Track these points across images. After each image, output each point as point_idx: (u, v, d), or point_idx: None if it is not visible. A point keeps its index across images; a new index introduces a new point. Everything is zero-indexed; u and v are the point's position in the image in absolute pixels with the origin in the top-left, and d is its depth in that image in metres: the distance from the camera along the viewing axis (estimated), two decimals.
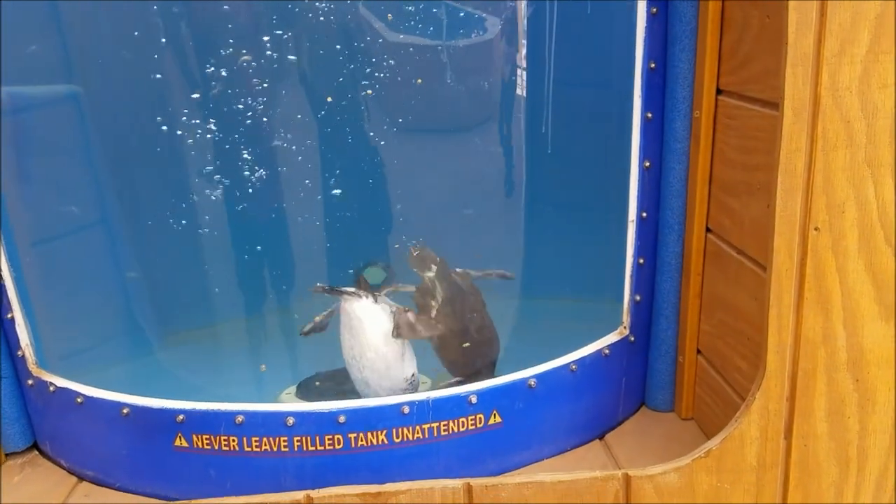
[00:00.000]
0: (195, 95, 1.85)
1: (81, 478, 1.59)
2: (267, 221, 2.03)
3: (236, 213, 1.99)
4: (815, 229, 1.21)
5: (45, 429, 1.65)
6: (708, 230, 1.53)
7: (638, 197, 1.56)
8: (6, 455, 1.66)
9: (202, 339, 2.07)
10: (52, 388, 1.56)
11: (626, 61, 1.51)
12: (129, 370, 1.91)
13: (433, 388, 1.81)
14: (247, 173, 1.97)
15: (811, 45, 1.15)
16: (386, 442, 1.44)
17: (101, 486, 1.57)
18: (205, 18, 1.76)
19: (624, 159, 1.55)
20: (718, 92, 1.46)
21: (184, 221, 1.97)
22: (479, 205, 1.97)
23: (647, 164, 1.54)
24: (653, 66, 1.50)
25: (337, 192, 1.92)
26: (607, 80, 1.70)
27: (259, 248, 2.03)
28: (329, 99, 1.86)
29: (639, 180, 1.55)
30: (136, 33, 1.76)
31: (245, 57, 1.75)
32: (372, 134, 1.92)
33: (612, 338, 1.61)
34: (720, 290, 1.49)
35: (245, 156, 1.96)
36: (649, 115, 1.52)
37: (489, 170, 1.95)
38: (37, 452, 1.69)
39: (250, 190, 1.99)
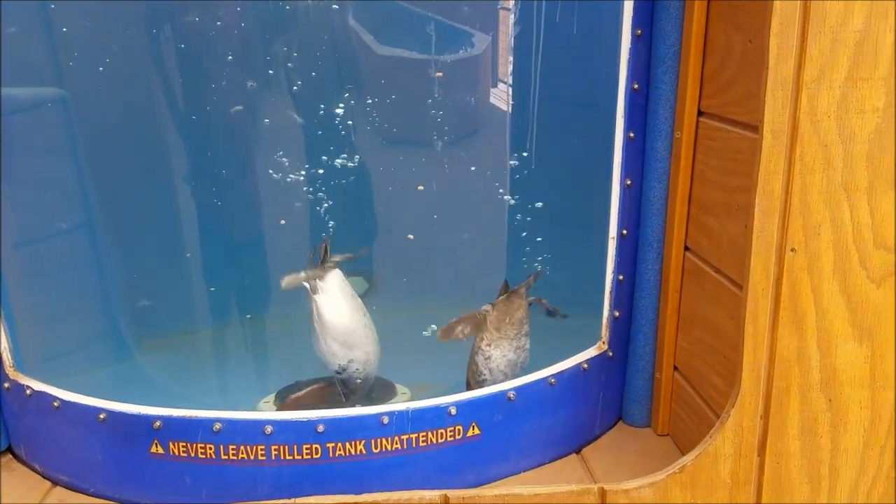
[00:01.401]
0: (180, 101, 1.86)
1: (56, 483, 1.58)
2: (248, 229, 2.04)
3: (218, 220, 2.00)
4: (792, 250, 1.23)
5: (20, 433, 1.64)
6: (686, 249, 1.55)
7: (619, 214, 1.58)
8: None
9: (181, 344, 2.07)
10: (28, 392, 1.55)
11: (610, 81, 1.54)
12: (107, 375, 1.90)
13: (412, 397, 1.83)
14: (229, 181, 1.98)
15: (791, 70, 1.17)
16: (364, 452, 1.44)
17: (76, 491, 1.55)
18: (193, 23, 1.77)
19: (605, 177, 1.58)
20: (700, 114, 1.49)
21: (165, 227, 1.97)
22: (462, 218, 1.98)
23: (629, 182, 1.56)
24: (636, 86, 1.52)
25: (326, 204, 1.93)
26: (591, 100, 1.72)
27: (239, 255, 2.04)
28: (321, 108, 1.87)
29: (619, 198, 1.58)
30: (123, 36, 1.77)
31: (237, 108, 1.77)
32: (356, 146, 1.93)
33: (590, 352, 1.63)
34: (698, 307, 1.52)
35: (228, 164, 1.97)
36: (631, 134, 1.54)
37: (472, 183, 1.96)
38: (11, 457, 1.67)
39: (232, 198, 1.99)
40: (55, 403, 1.51)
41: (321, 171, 1.92)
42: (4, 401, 1.63)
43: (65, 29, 1.74)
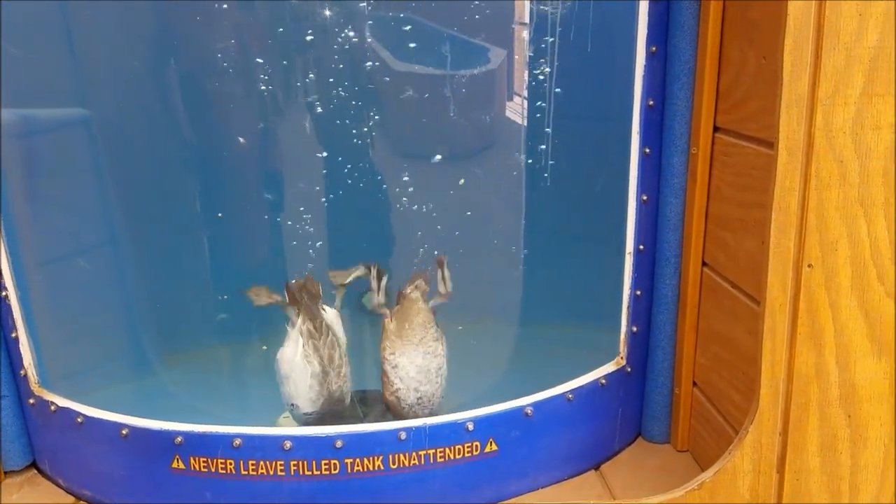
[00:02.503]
0: (203, 120, 1.89)
1: (79, 497, 1.60)
2: (268, 244, 2.06)
3: (238, 237, 2.02)
4: (809, 266, 1.23)
5: (44, 448, 1.67)
6: (704, 264, 1.55)
7: (635, 230, 1.59)
8: (5, 473, 1.67)
9: (202, 360, 2.08)
10: (52, 408, 1.58)
11: (626, 98, 1.54)
12: (128, 390, 1.92)
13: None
14: (251, 198, 2.00)
15: (806, 86, 1.18)
16: (382, 468, 1.45)
17: None
18: (211, 38, 1.80)
19: (622, 193, 1.58)
20: (715, 129, 1.49)
21: (186, 243, 2.00)
22: (480, 232, 1.98)
23: (645, 197, 1.57)
24: (651, 103, 1.53)
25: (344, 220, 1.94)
26: (606, 116, 1.73)
27: (260, 271, 2.05)
28: (340, 125, 1.89)
29: (636, 214, 1.58)
30: (145, 55, 1.80)
31: (241, 141, 1.80)
32: (374, 162, 1.94)
33: (608, 368, 1.63)
34: (716, 323, 1.51)
35: (248, 181, 1.99)
36: (647, 150, 1.55)
37: (489, 200, 1.97)
38: (35, 471, 1.70)
39: (253, 214, 2.01)
40: (79, 419, 1.54)
41: (340, 191, 1.94)
42: (29, 416, 1.65)
43: (87, 48, 1.78)
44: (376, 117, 1.89)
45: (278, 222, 2.02)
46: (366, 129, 1.89)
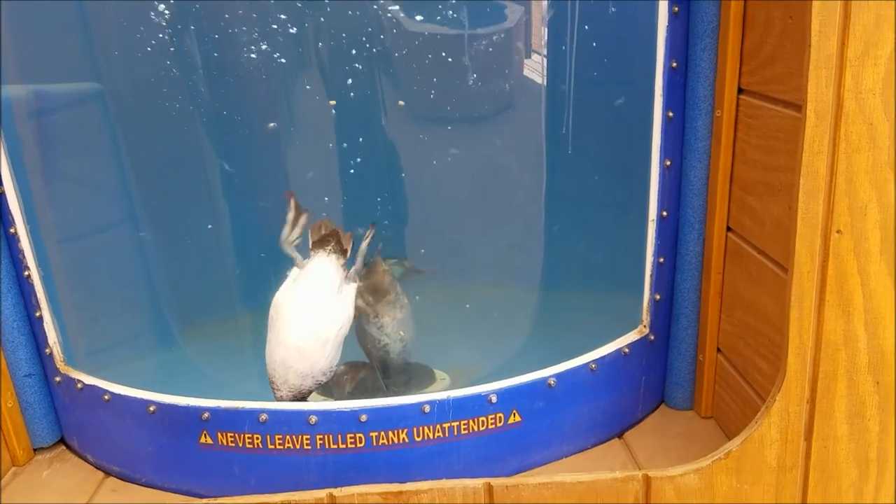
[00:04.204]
0: (218, 93, 1.87)
1: (108, 473, 1.62)
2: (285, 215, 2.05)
3: (257, 206, 2.01)
4: (837, 232, 1.20)
5: (72, 424, 1.69)
6: (729, 229, 1.53)
7: (658, 195, 1.56)
8: (34, 450, 1.69)
9: (222, 332, 2.09)
10: (79, 386, 1.59)
11: (648, 60, 1.51)
12: (152, 364, 1.93)
13: (451, 384, 1.83)
14: (267, 168, 1.99)
15: (834, 46, 1.14)
16: (407, 441, 1.45)
17: (127, 481, 1.60)
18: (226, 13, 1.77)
19: (644, 158, 1.55)
20: (740, 91, 1.45)
21: (203, 214, 1.99)
22: (500, 199, 1.96)
23: (668, 162, 1.54)
24: (674, 65, 1.49)
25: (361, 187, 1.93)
26: (628, 79, 1.69)
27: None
28: (353, 87, 1.86)
29: (659, 179, 1.55)
30: (160, 31, 1.77)
31: (271, 125, 1.78)
32: (390, 128, 1.92)
33: (631, 336, 1.62)
34: (741, 289, 1.49)
35: (265, 152, 1.97)
36: (670, 113, 1.52)
37: (509, 165, 1.94)
38: (64, 447, 1.72)
39: (272, 182, 2.00)
40: (106, 397, 1.55)
41: (357, 157, 1.92)
42: (56, 394, 1.67)
43: (100, 22, 1.76)
44: (392, 78, 1.87)
45: (296, 190, 2.01)
46: (382, 91, 1.86)
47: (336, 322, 1.49)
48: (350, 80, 1.85)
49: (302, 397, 1.49)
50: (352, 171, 1.93)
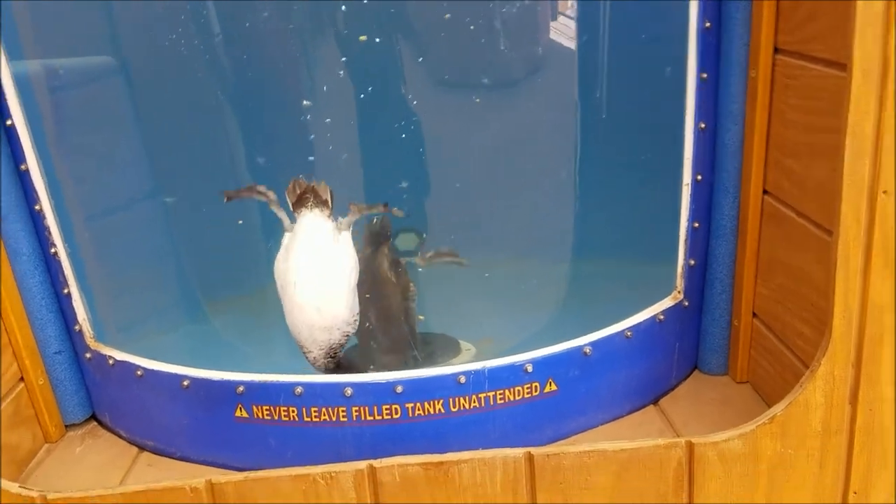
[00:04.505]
0: (239, 64, 1.84)
1: (142, 448, 1.62)
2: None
3: (279, 181, 1.99)
4: (884, 192, 1.18)
5: (103, 400, 1.68)
6: (765, 192, 1.50)
7: (693, 159, 1.53)
8: (66, 427, 1.69)
9: (251, 304, 2.07)
10: (111, 362, 1.58)
11: (680, 20, 1.47)
12: (183, 338, 1.92)
13: (477, 354, 1.82)
14: (286, 139, 1.96)
15: (881, 3, 1.10)
16: (443, 411, 1.44)
17: (162, 455, 1.60)
18: None
19: (678, 121, 1.52)
20: (776, 51, 1.41)
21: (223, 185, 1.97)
22: (530, 165, 1.93)
23: (703, 125, 1.51)
24: (708, 25, 1.45)
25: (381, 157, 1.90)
26: (660, 40, 1.65)
27: None
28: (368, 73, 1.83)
29: (694, 142, 1.52)
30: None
31: (306, 103, 1.74)
32: (417, 92, 1.88)
33: (666, 303, 1.60)
34: (779, 253, 1.47)
35: (287, 124, 1.95)
36: (704, 75, 1.48)
37: (540, 128, 1.91)
38: (95, 423, 1.72)
39: (294, 156, 1.97)
40: (138, 372, 1.54)
41: (380, 127, 1.89)
42: (86, 370, 1.67)
43: None
44: (416, 43, 1.83)
45: (318, 161, 1.98)
46: (405, 57, 1.83)
47: (341, 271, 1.45)
48: (363, 39, 1.81)
49: (335, 354, 1.47)
50: (374, 139, 1.91)
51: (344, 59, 1.86)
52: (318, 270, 1.43)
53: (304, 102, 1.86)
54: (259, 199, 1.50)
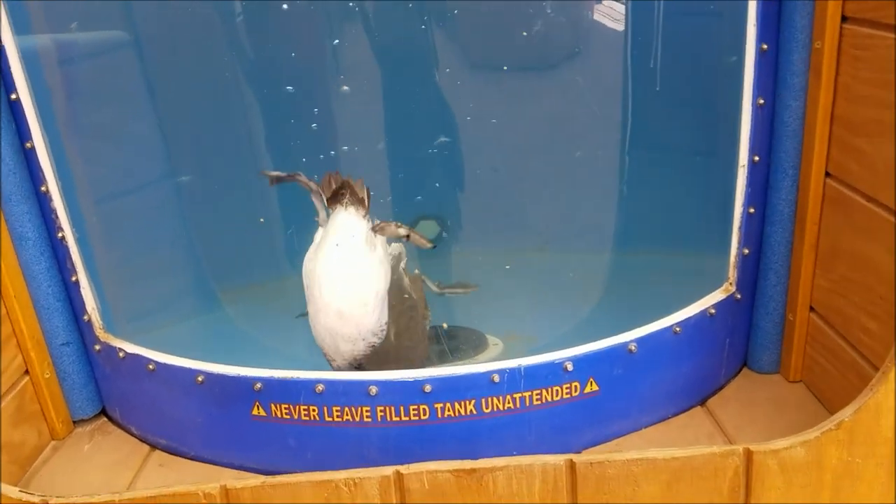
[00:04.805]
0: (258, 49, 1.75)
1: (154, 445, 1.53)
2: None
3: (296, 167, 1.90)
4: None
5: (113, 395, 1.59)
6: (828, 175, 1.37)
7: (750, 139, 1.40)
8: (74, 423, 1.60)
9: (264, 294, 1.99)
10: (121, 355, 1.49)
11: None
12: (196, 330, 1.84)
13: (505, 349, 1.72)
14: (305, 125, 1.87)
15: None
16: (475, 412, 1.34)
17: (175, 454, 1.50)
18: None
19: (734, 97, 1.40)
20: (843, 19, 1.29)
21: (240, 174, 1.88)
22: (576, 148, 1.81)
23: (762, 101, 1.38)
24: None
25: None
26: (717, 10, 1.53)
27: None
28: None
29: (752, 120, 1.40)
30: None
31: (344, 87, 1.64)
32: (459, 71, 1.77)
33: (717, 296, 1.48)
34: (843, 241, 1.34)
35: (304, 108, 1.85)
36: (764, 46, 1.36)
37: (582, 107, 1.79)
38: (105, 419, 1.63)
39: (309, 141, 1.89)
40: (150, 366, 1.45)
41: (406, 111, 1.80)
42: (96, 363, 1.58)
43: None
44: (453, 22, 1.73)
45: (334, 151, 1.89)
46: (438, 38, 1.73)
47: (372, 278, 1.34)
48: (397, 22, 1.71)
49: (359, 365, 1.37)
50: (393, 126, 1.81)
51: (375, 36, 1.76)
52: (346, 272, 1.33)
53: (343, 88, 1.76)
54: (302, 186, 1.40)
